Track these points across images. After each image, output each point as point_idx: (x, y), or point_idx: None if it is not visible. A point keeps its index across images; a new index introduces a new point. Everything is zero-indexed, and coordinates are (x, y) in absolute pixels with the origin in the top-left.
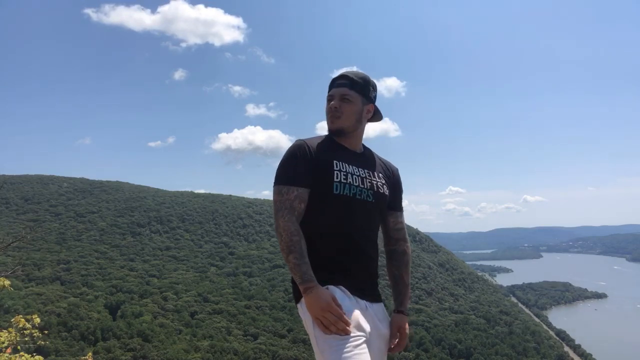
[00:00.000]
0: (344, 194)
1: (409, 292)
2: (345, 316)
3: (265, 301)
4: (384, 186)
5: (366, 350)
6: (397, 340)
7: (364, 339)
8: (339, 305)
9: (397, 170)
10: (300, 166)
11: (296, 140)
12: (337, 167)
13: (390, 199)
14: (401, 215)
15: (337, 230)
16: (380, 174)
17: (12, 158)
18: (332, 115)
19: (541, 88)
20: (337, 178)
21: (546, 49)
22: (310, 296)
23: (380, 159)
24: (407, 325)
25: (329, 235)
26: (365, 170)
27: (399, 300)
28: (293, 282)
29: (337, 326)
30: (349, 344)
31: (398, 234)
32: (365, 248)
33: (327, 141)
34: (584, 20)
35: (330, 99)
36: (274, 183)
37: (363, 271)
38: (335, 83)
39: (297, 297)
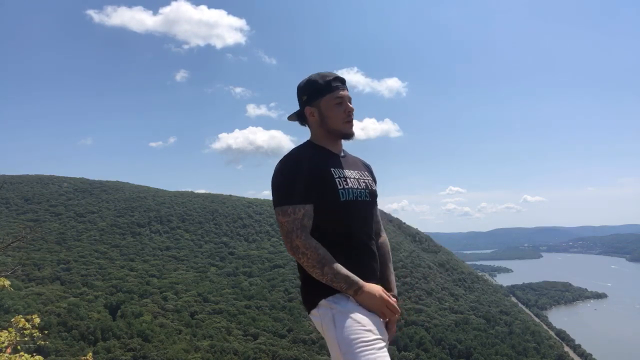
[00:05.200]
0: (349, 199)
1: (394, 277)
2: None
3: (265, 301)
4: (373, 183)
5: (387, 353)
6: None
7: (384, 343)
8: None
9: (371, 165)
10: (300, 183)
11: (286, 156)
12: (335, 174)
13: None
14: (378, 209)
15: (347, 235)
16: (365, 172)
17: (12, 158)
18: (351, 118)
19: (541, 88)
20: (340, 186)
21: (546, 49)
22: (369, 293)
23: (357, 157)
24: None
25: (340, 241)
26: (356, 172)
27: (386, 285)
28: (304, 290)
29: (394, 316)
30: (372, 346)
31: (378, 227)
32: (372, 246)
33: (313, 150)
34: (584, 21)
35: (344, 99)
36: (277, 204)
37: (373, 271)
38: (340, 84)
39: (313, 303)
